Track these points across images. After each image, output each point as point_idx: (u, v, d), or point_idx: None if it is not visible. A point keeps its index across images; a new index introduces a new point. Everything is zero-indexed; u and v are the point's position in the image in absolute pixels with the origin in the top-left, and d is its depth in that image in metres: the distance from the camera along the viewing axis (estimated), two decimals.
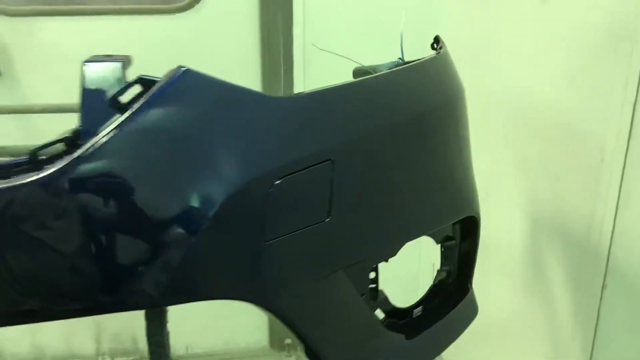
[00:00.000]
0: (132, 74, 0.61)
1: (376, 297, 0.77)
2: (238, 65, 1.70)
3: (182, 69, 0.54)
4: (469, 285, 0.90)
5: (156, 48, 1.66)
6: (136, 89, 0.59)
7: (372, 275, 0.79)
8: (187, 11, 1.64)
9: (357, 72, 0.88)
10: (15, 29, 1.60)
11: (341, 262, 0.64)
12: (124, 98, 0.58)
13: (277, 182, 0.57)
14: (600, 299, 1.16)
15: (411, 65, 0.74)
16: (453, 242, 0.83)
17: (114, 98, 0.56)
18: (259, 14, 1.67)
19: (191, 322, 1.96)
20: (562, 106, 1.24)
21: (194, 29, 1.66)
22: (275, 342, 2.05)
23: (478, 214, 0.83)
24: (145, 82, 0.58)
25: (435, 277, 0.85)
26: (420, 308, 0.84)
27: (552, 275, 1.32)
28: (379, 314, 0.77)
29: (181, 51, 1.65)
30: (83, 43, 1.63)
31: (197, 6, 1.65)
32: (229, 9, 1.67)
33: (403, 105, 0.69)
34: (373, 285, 0.78)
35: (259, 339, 2.06)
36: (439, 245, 0.83)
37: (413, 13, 1.70)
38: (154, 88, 0.53)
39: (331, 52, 1.52)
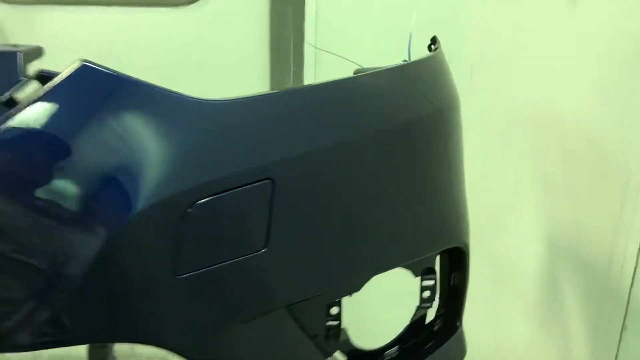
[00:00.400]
0: (132, 69, 0.51)
1: (338, 336, 0.66)
2: (245, 65, 1.61)
3: (82, 62, 0.45)
4: (457, 323, 0.78)
5: (159, 42, 1.59)
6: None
7: (334, 311, 0.68)
8: (193, 4, 1.56)
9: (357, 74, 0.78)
10: (17, 17, 1.55)
11: (281, 300, 0.54)
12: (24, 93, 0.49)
13: (198, 202, 0.47)
14: (619, 341, 1.03)
15: (388, 69, 0.64)
16: (434, 275, 0.71)
17: (7, 94, 0.48)
18: (269, 11, 1.58)
19: None
20: (589, 120, 1.11)
21: (199, 23, 1.58)
22: None
23: (465, 245, 0.71)
24: (45, 78, 0.49)
25: (414, 314, 0.73)
26: (395, 349, 0.73)
27: (569, 309, 1.19)
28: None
29: (185, 46, 1.58)
30: (84, 35, 1.58)
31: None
32: (237, 3, 1.59)
33: (374, 115, 0.58)
34: (334, 323, 0.68)
35: None
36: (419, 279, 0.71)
37: (435, 16, 1.59)
38: (48, 84, 0.44)
39: (330, 53, 1.42)
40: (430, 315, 0.80)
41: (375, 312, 1.39)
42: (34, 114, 0.43)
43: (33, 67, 0.66)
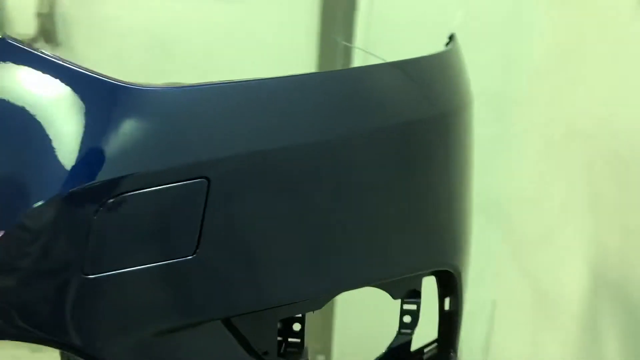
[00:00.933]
0: (179, 58, 0.49)
1: (299, 355, 0.61)
2: (291, 59, 1.58)
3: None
4: (451, 352, 0.71)
5: (206, 32, 1.59)
6: None
7: (296, 327, 0.63)
8: None
9: None
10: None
11: (212, 312, 0.49)
12: None
13: (116, 197, 0.43)
14: None
15: (377, 65, 0.57)
16: (417, 300, 0.64)
17: None
18: (320, 5, 1.53)
19: None
20: None
21: (248, 14, 1.56)
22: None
23: (455, 269, 0.63)
24: None
25: (394, 339, 0.66)
26: None
27: (609, 349, 1.06)
28: None
29: (232, 35, 1.56)
30: (142, 20, 1.60)
31: None
32: None
33: (348, 114, 0.52)
34: (295, 340, 0.62)
35: None
36: (400, 302, 0.64)
37: (497, 17, 1.48)
38: None
39: (357, 48, 1.35)
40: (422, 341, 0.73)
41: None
42: None
43: None
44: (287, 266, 0.50)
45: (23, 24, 1.58)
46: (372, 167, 0.53)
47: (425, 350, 0.72)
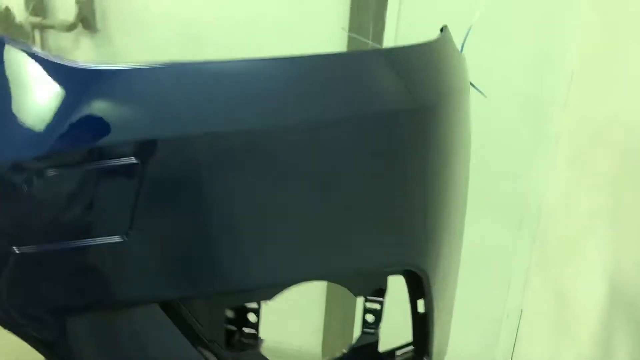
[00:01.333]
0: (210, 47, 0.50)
1: (254, 347, 0.60)
2: (321, 47, 1.56)
3: None
4: (424, 357, 0.68)
5: (238, 21, 1.59)
6: None
7: (252, 318, 0.62)
8: None
9: None
10: None
11: (146, 294, 0.49)
12: None
13: (42, 173, 0.44)
14: None
15: (358, 52, 0.54)
16: (381, 299, 0.61)
17: None
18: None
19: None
20: None
21: (279, 2, 1.56)
22: (328, 351, 1.91)
23: (422, 271, 0.60)
24: None
25: (357, 339, 0.64)
26: None
27: None
28: None
29: (264, 24, 1.56)
30: (175, 9, 1.62)
31: None
32: None
33: (307, 100, 0.50)
34: (250, 331, 0.61)
35: (312, 344, 1.93)
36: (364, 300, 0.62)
37: (535, 19, 1.42)
38: None
39: (362, 39, 1.32)
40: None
41: None
42: None
43: None
44: (228, 253, 0.49)
45: (63, 11, 1.64)
46: (342, 155, 0.51)
47: (398, 352, 0.69)
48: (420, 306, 0.67)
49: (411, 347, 0.70)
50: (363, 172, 0.53)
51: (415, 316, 0.68)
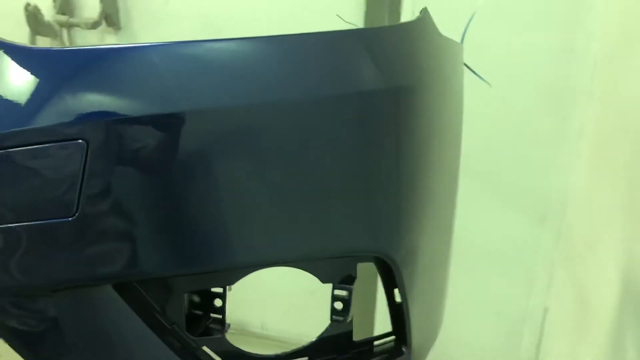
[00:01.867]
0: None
1: (220, 331, 0.60)
2: None
3: None
4: (403, 348, 0.66)
5: (256, 16, 1.60)
6: None
7: (218, 303, 0.62)
8: None
9: None
10: None
11: (96, 275, 0.49)
12: None
13: None
14: None
15: (332, 32, 0.53)
16: (349, 286, 0.60)
17: None
18: None
19: (270, 302, 1.90)
20: None
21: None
22: None
23: (389, 257, 0.59)
24: None
25: (327, 328, 0.63)
26: None
27: None
28: None
29: (283, 20, 1.56)
30: (195, 5, 1.64)
31: None
32: None
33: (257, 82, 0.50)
34: (217, 316, 0.61)
35: None
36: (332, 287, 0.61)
37: (560, 8, 1.37)
38: None
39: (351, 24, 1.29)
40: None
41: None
42: None
43: None
44: (185, 234, 0.49)
45: (88, 9, 1.69)
46: (314, 134, 0.51)
47: (376, 342, 0.68)
48: (397, 296, 0.65)
49: (391, 338, 0.69)
50: (334, 152, 0.53)
51: (392, 305, 0.66)
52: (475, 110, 1.49)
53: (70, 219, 0.47)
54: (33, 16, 1.63)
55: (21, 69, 0.46)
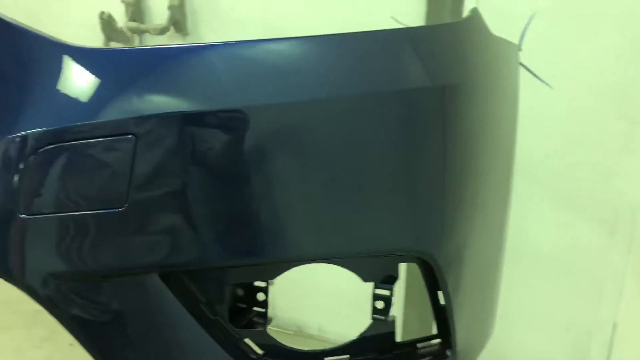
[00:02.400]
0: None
1: (263, 325, 0.61)
2: None
3: None
4: (447, 351, 0.65)
5: (318, 18, 1.62)
6: None
7: (260, 297, 0.63)
8: None
9: None
10: None
11: (143, 264, 0.51)
12: None
13: (48, 146, 0.48)
14: None
15: (379, 31, 0.54)
16: (390, 285, 0.60)
17: None
18: None
19: (328, 305, 1.91)
20: None
21: (358, 4, 1.56)
22: None
23: (431, 257, 0.58)
24: None
25: (369, 326, 0.63)
26: (345, 357, 0.64)
27: None
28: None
29: (344, 25, 1.57)
30: (258, 11, 1.68)
31: None
32: None
33: (305, 80, 0.51)
34: (260, 310, 0.62)
35: None
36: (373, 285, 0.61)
37: (627, 9, 1.30)
38: None
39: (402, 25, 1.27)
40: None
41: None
42: None
43: None
44: (231, 226, 0.50)
45: (157, 15, 1.76)
46: (358, 131, 0.51)
47: (420, 345, 0.67)
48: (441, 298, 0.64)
49: (436, 341, 0.68)
50: (379, 150, 0.53)
51: (436, 308, 0.65)
52: (541, 113, 1.44)
53: (120, 209, 0.49)
54: (107, 23, 1.72)
55: (82, 68, 0.49)
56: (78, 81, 0.49)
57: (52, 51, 0.49)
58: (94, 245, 0.50)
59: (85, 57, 0.49)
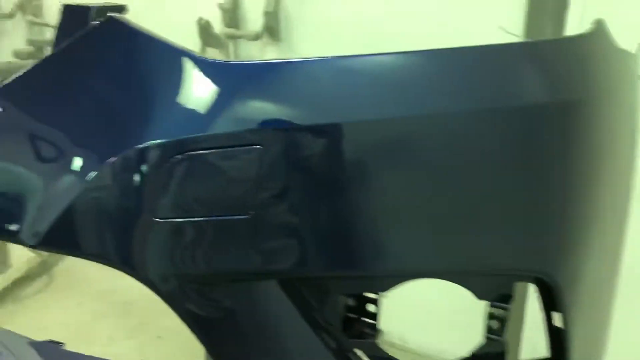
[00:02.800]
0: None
1: (372, 337, 0.61)
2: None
3: (109, 16, 0.52)
4: None
5: (425, 22, 1.60)
6: None
7: (371, 308, 0.63)
8: None
9: None
10: None
11: (263, 270, 0.53)
12: None
13: (183, 154, 0.50)
14: None
15: (502, 45, 0.53)
16: (507, 305, 0.58)
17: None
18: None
19: (412, 315, 1.89)
20: None
21: (454, 6, 1.54)
22: None
23: (554, 280, 0.56)
24: None
25: (481, 346, 0.61)
26: None
27: None
28: None
29: (441, 28, 1.56)
30: (352, 15, 1.69)
31: None
32: None
33: (432, 93, 0.51)
34: (370, 321, 0.62)
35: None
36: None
37: None
38: (79, 32, 0.53)
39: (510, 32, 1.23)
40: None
41: None
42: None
43: None
44: (345, 238, 0.51)
45: (252, 22, 1.81)
46: (477, 147, 0.51)
47: None
48: (557, 319, 0.62)
49: None
50: (497, 167, 0.52)
51: (551, 330, 0.63)
52: None
53: (246, 216, 0.51)
54: (204, 29, 1.78)
55: (211, 81, 0.51)
56: (207, 93, 0.51)
57: (183, 63, 0.52)
58: (215, 250, 0.52)
59: (214, 70, 0.51)
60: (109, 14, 0.53)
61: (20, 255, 2.39)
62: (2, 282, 2.31)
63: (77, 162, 0.53)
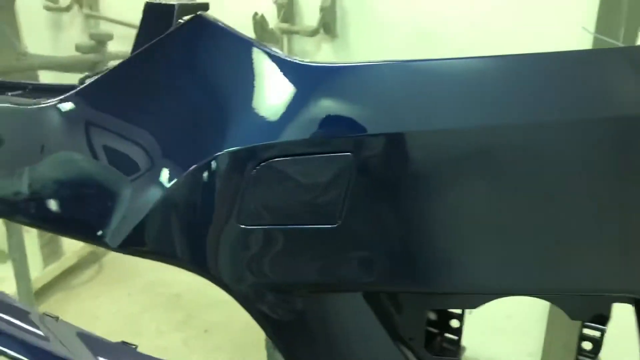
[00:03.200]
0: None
1: (455, 353, 0.58)
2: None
3: (198, 14, 0.50)
4: None
5: (480, 20, 1.56)
6: None
7: (454, 324, 0.60)
8: None
9: None
10: None
11: (349, 282, 0.50)
12: None
13: (264, 163, 0.48)
14: None
15: (598, 50, 0.50)
16: (602, 327, 0.55)
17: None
18: None
19: (471, 324, 1.84)
20: None
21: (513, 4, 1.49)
22: None
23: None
24: None
25: None
26: None
27: None
28: None
29: (498, 28, 1.51)
30: (408, 13, 1.65)
31: None
32: None
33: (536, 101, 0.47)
34: (452, 337, 0.59)
35: None
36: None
37: None
38: (166, 32, 0.51)
39: (610, 41, 1.17)
40: None
41: None
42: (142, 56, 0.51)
43: None
44: (436, 252, 0.49)
45: (308, 17, 1.78)
46: (567, 161, 0.47)
47: None
48: None
49: None
50: (591, 183, 0.48)
51: None
52: None
53: (333, 226, 0.48)
54: (260, 24, 1.77)
55: (304, 84, 0.49)
56: (297, 97, 0.48)
57: (274, 66, 0.50)
58: (299, 259, 0.50)
59: (306, 72, 0.49)
60: (198, 12, 0.51)
61: (71, 244, 2.44)
62: (54, 270, 2.36)
63: (162, 168, 0.52)
